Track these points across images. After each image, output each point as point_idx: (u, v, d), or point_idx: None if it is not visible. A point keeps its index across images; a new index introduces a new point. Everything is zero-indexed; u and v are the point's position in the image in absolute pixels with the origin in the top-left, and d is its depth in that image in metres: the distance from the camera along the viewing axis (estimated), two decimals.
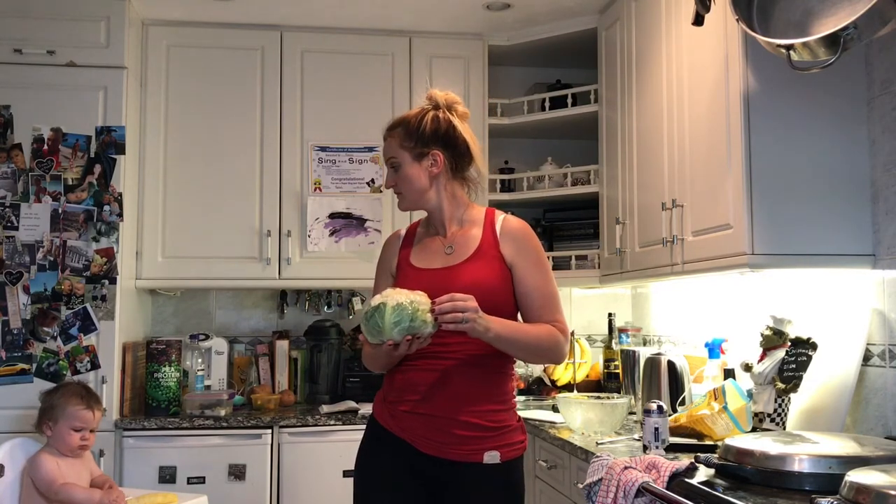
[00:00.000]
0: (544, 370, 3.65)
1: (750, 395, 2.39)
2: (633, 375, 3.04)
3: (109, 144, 3.18)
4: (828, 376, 2.30)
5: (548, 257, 3.54)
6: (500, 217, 2.11)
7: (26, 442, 2.68)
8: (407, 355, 1.90)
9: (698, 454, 1.88)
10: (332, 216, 3.52)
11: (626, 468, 1.90)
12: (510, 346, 1.95)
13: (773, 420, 2.33)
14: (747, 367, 2.45)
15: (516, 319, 2.06)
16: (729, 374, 2.59)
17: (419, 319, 1.80)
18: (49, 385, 2.88)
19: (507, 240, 2.05)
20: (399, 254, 2.15)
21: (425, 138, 2.05)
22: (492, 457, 1.96)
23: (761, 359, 2.42)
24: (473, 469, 1.96)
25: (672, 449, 2.18)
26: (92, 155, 3.16)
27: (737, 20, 2.04)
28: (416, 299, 1.82)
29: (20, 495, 2.58)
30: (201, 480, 3.09)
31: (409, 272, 2.09)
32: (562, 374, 3.58)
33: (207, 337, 3.52)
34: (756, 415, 2.36)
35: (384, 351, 1.86)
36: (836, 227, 2.23)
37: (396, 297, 1.82)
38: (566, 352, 2.04)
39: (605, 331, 3.58)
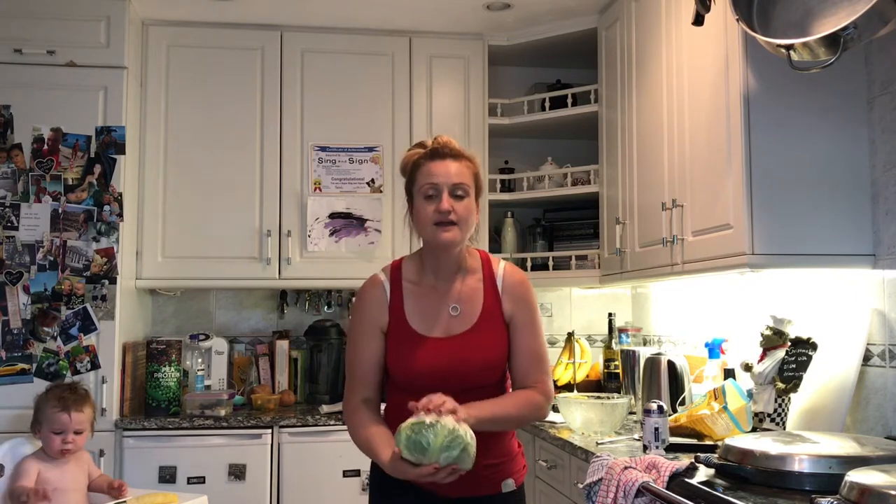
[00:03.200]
0: None
1: (750, 395, 2.39)
2: (633, 375, 3.05)
3: (109, 144, 3.18)
4: (828, 376, 2.30)
5: (548, 257, 3.60)
6: (500, 267, 2.02)
7: (26, 442, 2.68)
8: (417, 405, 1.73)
9: (698, 454, 1.88)
10: (332, 216, 3.52)
11: (626, 468, 1.90)
12: (491, 427, 1.87)
13: (773, 420, 2.33)
14: (747, 367, 2.45)
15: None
16: (729, 374, 2.59)
17: (470, 458, 1.68)
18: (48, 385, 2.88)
19: (509, 297, 1.99)
20: (390, 309, 1.96)
21: (480, 185, 2.00)
22: (508, 485, 1.97)
23: (761, 359, 2.42)
24: (491, 500, 1.96)
25: (672, 449, 2.18)
26: (92, 155, 3.16)
27: (737, 20, 2.04)
28: (472, 434, 1.68)
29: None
30: (201, 480, 3.09)
31: (410, 340, 1.93)
32: (562, 374, 3.58)
33: (207, 337, 3.52)
34: (756, 415, 2.36)
35: (412, 473, 1.69)
36: (836, 226, 2.23)
37: (452, 420, 1.67)
38: (548, 413, 1.99)
39: (605, 331, 3.58)
